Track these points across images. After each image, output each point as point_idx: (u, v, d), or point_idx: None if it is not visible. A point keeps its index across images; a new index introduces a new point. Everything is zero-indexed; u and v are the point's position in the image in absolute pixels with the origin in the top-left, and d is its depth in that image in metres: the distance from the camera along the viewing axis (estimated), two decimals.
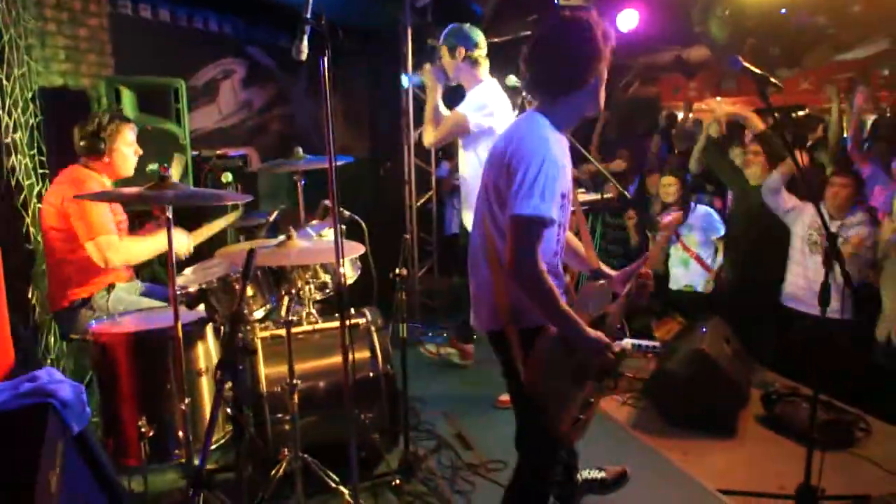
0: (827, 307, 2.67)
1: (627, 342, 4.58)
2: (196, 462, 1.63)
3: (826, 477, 2.74)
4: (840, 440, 3.34)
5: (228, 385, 1.65)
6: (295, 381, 2.71)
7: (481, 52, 3.77)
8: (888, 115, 5.70)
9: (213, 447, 2.74)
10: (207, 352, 2.78)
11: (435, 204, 5.99)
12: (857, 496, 2.89)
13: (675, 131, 7.34)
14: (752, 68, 2.56)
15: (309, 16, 2.13)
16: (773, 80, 2.56)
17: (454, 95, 3.90)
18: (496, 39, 6.00)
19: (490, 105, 3.67)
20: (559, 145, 2.06)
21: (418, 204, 5.68)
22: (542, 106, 2.12)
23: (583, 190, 4.73)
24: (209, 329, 2.80)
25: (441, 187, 6.30)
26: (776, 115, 2.76)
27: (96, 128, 3.11)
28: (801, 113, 8.76)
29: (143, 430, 2.45)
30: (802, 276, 4.06)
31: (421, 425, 3.62)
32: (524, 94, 3.29)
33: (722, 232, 4.74)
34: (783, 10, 5.76)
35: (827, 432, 3.24)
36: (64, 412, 1.36)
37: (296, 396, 2.71)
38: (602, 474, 2.91)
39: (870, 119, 7.56)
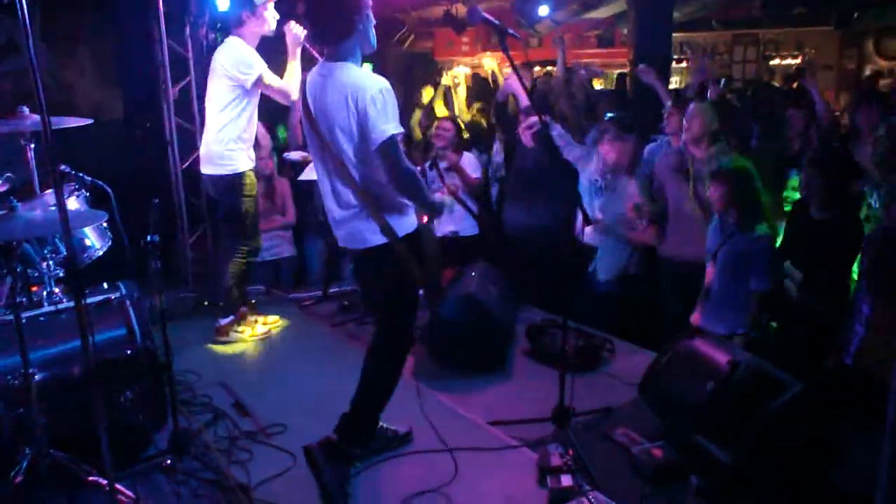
0: None
1: None
2: None
3: (578, 397, 3.05)
4: (590, 362, 3.72)
5: None
6: (31, 371, 2.42)
7: None
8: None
9: None
10: None
11: None
12: (602, 409, 3.26)
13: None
14: (491, 19, 2.67)
15: None
16: (510, 31, 2.69)
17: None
18: None
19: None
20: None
21: (184, 166, 5.28)
22: (333, 55, 2.55)
23: None
24: None
25: None
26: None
27: None
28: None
29: None
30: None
31: (196, 399, 3.43)
32: None
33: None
34: None
35: (579, 356, 3.59)
36: None
37: (33, 388, 2.42)
38: (395, 428, 3.00)
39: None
